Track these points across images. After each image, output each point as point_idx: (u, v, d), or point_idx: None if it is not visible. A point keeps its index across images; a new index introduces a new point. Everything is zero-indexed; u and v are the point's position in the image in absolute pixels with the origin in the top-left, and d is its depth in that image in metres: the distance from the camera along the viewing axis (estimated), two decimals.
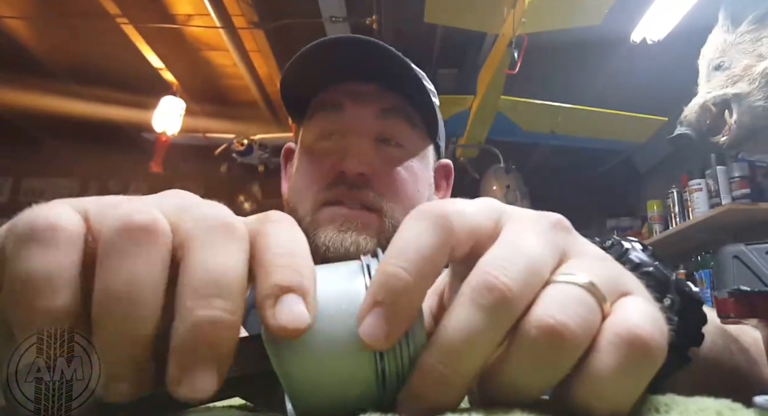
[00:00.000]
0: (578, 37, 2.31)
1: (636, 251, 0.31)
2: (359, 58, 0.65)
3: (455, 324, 0.22)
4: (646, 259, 0.31)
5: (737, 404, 0.22)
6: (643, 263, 0.31)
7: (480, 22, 2.28)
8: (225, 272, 0.21)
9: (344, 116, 0.67)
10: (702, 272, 2.73)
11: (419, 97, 0.67)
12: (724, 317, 0.32)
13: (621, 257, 0.31)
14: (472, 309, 0.21)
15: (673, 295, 0.30)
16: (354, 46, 0.64)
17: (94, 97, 3.27)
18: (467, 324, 0.21)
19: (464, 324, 0.21)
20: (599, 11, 2.03)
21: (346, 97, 0.67)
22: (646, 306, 0.22)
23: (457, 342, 0.21)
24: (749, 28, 1.94)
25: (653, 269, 0.30)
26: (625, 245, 0.32)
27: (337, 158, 0.65)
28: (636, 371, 0.21)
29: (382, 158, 0.66)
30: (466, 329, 0.21)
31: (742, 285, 0.32)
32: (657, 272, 0.30)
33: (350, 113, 0.67)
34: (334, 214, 0.64)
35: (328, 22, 2.69)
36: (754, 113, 1.88)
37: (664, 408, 0.22)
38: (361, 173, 0.64)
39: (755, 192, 2.38)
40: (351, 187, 0.64)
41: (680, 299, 0.30)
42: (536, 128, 2.75)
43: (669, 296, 0.30)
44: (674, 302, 0.30)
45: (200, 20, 2.85)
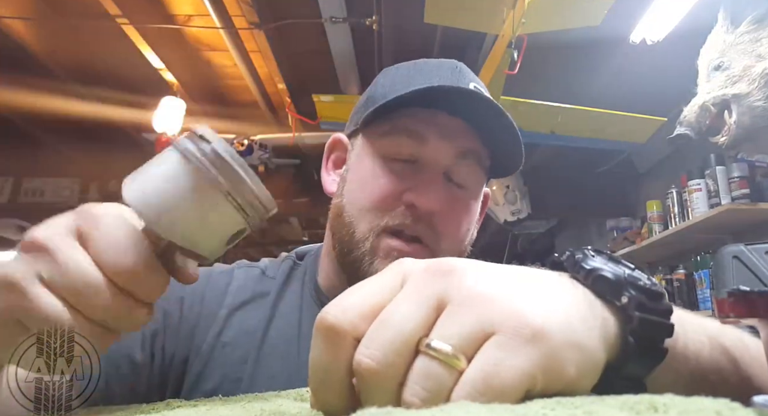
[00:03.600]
0: (578, 38, 2.31)
1: (588, 259, 0.33)
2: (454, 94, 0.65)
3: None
4: (597, 265, 0.33)
5: (736, 403, 0.23)
6: (594, 269, 0.32)
7: (480, 23, 2.28)
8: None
9: (425, 148, 0.66)
10: (701, 272, 2.73)
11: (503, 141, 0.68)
12: (723, 317, 0.32)
13: (574, 267, 0.33)
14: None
15: (629, 292, 0.31)
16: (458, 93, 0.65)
17: (95, 97, 3.27)
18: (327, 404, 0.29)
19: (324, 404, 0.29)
20: (599, 12, 2.03)
21: (432, 129, 0.66)
22: (493, 353, 0.26)
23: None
24: (749, 28, 1.94)
25: (605, 273, 0.32)
26: (577, 255, 0.34)
27: (410, 189, 0.65)
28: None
29: (449, 198, 0.67)
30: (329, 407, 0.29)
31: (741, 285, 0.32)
32: (609, 274, 0.32)
33: (432, 146, 0.66)
34: (392, 248, 0.65)
35: (328, 23, 2.69)
36: (753, 113, 1.88)
37: (663, 407, 0.23)
38: (433, 210, 0.64)
39: (755, 192, 2.38)
40: (417, 220, 0.65)
41: (637, 294, 0.31)
42: (536, 128, 2.75)
43: (625, 294, 0.31)
44: (631, 299, 0.31)
45: (200, 21, 2.85)
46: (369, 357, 0.27)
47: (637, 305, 0.31)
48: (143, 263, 0.36)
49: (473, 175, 0.69)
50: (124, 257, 0.36)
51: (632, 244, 3.26)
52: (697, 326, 0.39)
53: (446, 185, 0.67)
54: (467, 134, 0.68)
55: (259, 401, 0.37)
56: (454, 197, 0.68)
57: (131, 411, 0.31)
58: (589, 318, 0.30)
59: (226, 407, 0.34)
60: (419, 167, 0.66)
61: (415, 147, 0.66)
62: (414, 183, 0.65)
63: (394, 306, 0.28)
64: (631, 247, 3.25)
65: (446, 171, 0.67)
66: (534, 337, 0.26)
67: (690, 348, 0.37)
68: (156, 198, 0.33)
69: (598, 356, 0.29)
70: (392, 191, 0.66)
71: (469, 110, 0.66)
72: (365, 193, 0.67)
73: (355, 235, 0.66)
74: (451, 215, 0.67)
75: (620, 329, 0.31)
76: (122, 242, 0.36)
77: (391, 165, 0.67)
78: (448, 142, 0.67)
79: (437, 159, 0.67)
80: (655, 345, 0.32)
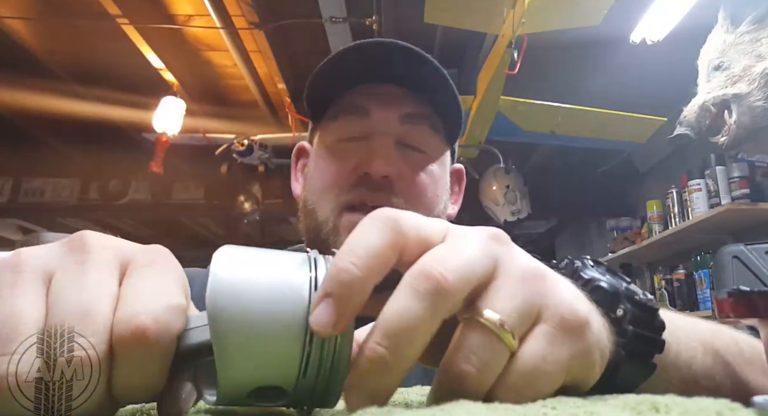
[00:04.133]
0: (578, 38, 2.31)
1: (587, 269, 0.33)
2: (387, 60, 0.65)
3: (394, 308, 0.24)
4: (596, 275, 0.33)
5: (736, 404, 0.23)
6: (593, 279, 0.32)
7: (480, 23, 2.28)
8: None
9: (369, 120, 0.66)
10: (701, 273, 2.73)
11: (446, 101, 0.68)
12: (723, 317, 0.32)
13: (573, 275, 0.33)
14: (410, 295, 0.24)
15: (624, 305, 0.31)
16: (384, 49, 0.65)
17: (95, 97, 3.27)
18: (405, 309, 0.24)
19: (402, 309, 0.24)
20: (599, 12, 2.03)
21: (371, 100, 0.67)
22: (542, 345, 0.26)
23: (395, 326, 0.24)
24: (749, 28, 1.94)
25: (603, 284, 0.32)
26: (576, 263, 0.34)
27: (361, 159, 0.65)
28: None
29: (405, 162, 0.66)
30: (404, 313, 0.24)
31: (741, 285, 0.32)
32: (607, 285, 0.32)
33: (375, 116, 0.66)
34: (354, 222, 0.64)
35: (328, 23, 2.69)
36: (753, 113, 1.88)
37: (664, 408, 0.23)
38: (386, 175, 0.64)
39: (755, 192, 2.38)
40: (374, 189, 0.64)
41: (633, 308, 0.32)
42: (536, 128, 2.75)
43: (621, 307, 0.31)
44: (626, 312, 0.31)
45: (200, 21, 2.85)
46: (445, 270, 0.25)
47: (631, 319, 0.31)
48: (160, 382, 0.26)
49: (428, 138, 0.69)
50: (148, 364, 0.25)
51: (632, 244, 3.26)
52: (691, 331, 0.39)
53: (401, 149, 0.67)
54: (411, 99, 0.67)
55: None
56: (410, 159, 0.67)
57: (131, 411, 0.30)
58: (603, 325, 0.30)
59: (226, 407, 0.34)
60: (368, 140, 0.66)
61: (359, 122, 0.67)
62: (363, 155, 0.65)
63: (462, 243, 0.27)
64: (631, 247, 3.24)
65: (398, 139, 0.67)
66: (579, 330, 0.27)
67: (682, 357, 0.37)
68: (248, 318, 0.25)
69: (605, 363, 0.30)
70: (345, 166, 0.66)
71: (409, 77, 0.66)
72: (321, 176, 0.68)
73: (318, 218, 0.66)
74: (411, 177, 0.66)
75: (612, 341, 0.31)
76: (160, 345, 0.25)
77: (343, 145, 0.68)
78: (390, 108, 0.67)
79: (382, 127, 0.66)
80: (645, 360, 0.32)
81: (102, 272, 0.26)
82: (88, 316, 0.24)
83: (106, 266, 0.26)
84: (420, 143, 0.68)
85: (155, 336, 0.24)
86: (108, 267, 0.26)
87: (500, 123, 2.66)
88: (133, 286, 0.26)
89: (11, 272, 0.25)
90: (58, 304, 0.25)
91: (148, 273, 0.27)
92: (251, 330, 0.25)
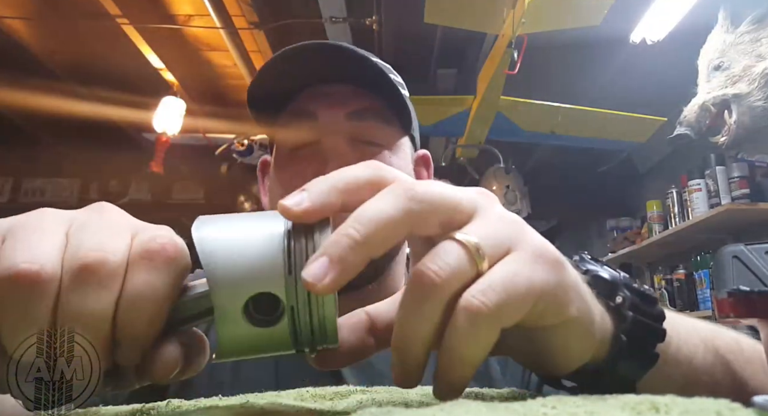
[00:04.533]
0: (578, 38, 2.31)
1: (585, 262, 0.35)
2: (326, 62, 0.64)
3: (371, 203, 0.27)
4: (594, 266, 0.34)
5: (736, 404, 0.23)
6: (591, 270, 0.33)
7: (480, 23, 2.28)
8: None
9: (317, 122, 0.66)
10: (701, 272, 2.73)
11: (389, 93, 0.66)
12: (723, 317, 0.33)
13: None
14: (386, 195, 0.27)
15: (623, 293, 0.32)
16: (318, 51, 0.64)
17: (95, 97, 3.27)
18: (379, 203, 0.27)
19: (377, 203, 0.27)
20: (599, 12, 2.03)
21: (316, 102, 0.66)
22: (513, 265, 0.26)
23: (368, 214, 0.26)
24: (749, 28, 1.94)
25: (601, 273, 0.33)
26: (574, 258, 0.35)
27: (318, 163, 0.63)
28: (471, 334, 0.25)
29: (360, 156, 0.64)
30: (378, 207, 0.26)
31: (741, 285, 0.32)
32: (606, 274, 0.33)
33: (322, 118, 0.65)
34: None
35: (329, 23, 2.69)
36: (753, 113, 1.88)
37: (664, 408, 0.23)
38: None
39: (755, 192, 2.38)
40: None
41: (632, 295, 0.32)
42: (536, 128, 2.75)
43: (620, 294, 0.32)
44: (626, 299, 0.32)
45: (200, 21, 2.85)
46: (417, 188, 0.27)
47: (630, 306, 0.32)
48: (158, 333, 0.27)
49: (378, 130, 0.67)
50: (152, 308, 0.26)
51: (632, 244, 3.26)
52: (691, 329, 0.39)
53: (354, 145, 0.65)
54: (355, 95, 0.66)
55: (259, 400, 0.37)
56: (364, 154, 0.65)
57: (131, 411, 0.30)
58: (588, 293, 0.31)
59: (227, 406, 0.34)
60: (321, 144, 0.65)
61: (307, 125, 0.66)
62: (318, 161, 0.64)
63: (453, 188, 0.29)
64: (631, 247, 3.24)
65: (350, 136, 0.66)
66: (553, 264, 0.28)
67: (683, 352, 0.37)
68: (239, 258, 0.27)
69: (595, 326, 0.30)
70: (301, 173, 0.64)
71: (350, 76, 0.66)
72: (281, 185, 0.67)
73: None
74: None
75: (614, 328, 0.32)
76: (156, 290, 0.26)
77: (296, 153, 0.67)
78: (335, 107, 0.66)
79: (331, 127, 0.65)
80: (646, 349, 0.32)
81: (119, 219, 0.29)
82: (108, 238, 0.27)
83: (123, 217, 0.30)
84: (373, 137, 0.67)
85: (174, 252, 0.27)
86: (124, 219, 0.30)
87: (500, 123, 2.66)
88: (147, 229, 0.29)
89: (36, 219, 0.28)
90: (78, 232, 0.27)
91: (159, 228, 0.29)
92: (235, 243, 0.27)
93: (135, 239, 0.28)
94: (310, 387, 0.39)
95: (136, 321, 0.26)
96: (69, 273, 0.25)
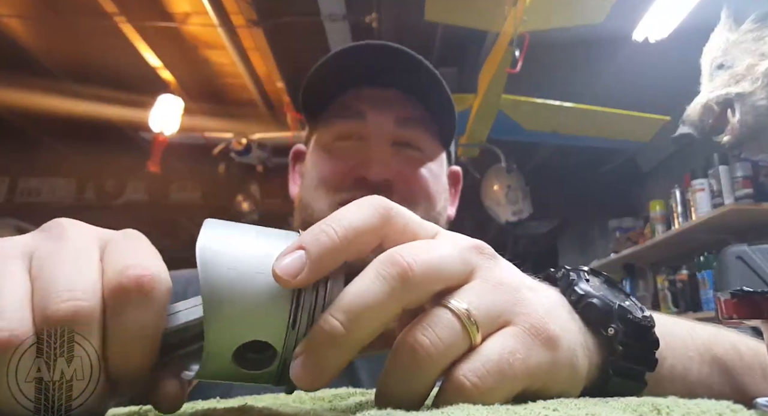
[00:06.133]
0: (580, 36, 2.30)
1: (582, 282, 0.33)
2: (383, 63, 0.66)
3: (356, 287, 0.25)
4: (590, 290, 0.32)
5: (738, 405, 0.23)
6: (587, 295, 0.32)
7: (481, 21, 2.28)
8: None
9: (365, 122, 0.67)
10: (705, 273, 2.72)
11: (440, 104, 0.68)
12: (726, 318, 0.32)
13: (567, 288, 0.33)
14: (373, 277, 0.25)
15: (616, 324, 0.31)
16: (378, 51, 0.66)
17: (92, 96, 3.26)
18: (366, 289, 0.25)
19: (364, 288, 0.25)
20: (601, 9, 2.03)
21: (366, 104, 0.68)
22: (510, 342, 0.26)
23: (354, 303, 0.25)
24: (752, 26, 1.93)
25: (596, 301, 0.32)
26: (572, 276, 0.33)
27: (357, 163, 0.65)
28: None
29: (403, 160, 0.67)
30: (365, 293, 0.25)
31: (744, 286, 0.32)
32: (600, 303, 0.32)
33: (370, 119, 0.67)
34: None
35: (327, 21, 2.68)
36: (757, 112, 1.86)
37: (665, 410, 0.23)
38: (385, 178, 0.64)
39: (758, 192, 2.37)
40: (372, 191, 0.64)
41: (625, 327, 0.31)
42: (538, 127, 2.75)
43: (612, 326, 0.31)
44: (618, 332, 0.31)
45: (198, 19, 2.84)
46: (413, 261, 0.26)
47: (622, 339, 0.31)
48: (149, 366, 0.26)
49: (424, 139, 0.69)
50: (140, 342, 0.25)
51: (635, 244, 3.25)
52: (689, 339, 0.39)
53: (397, 148, 0.67)
54: (404, 101, 0.68)
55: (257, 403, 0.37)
56: (408, 158, 0.68)
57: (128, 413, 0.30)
58: (581, 341, 0.30)
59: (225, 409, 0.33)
60: (365, 141, 0.67)
61: (354, 125, 0.67)
62: (361, 158, 0.66)
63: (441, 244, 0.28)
64: (633, 247, 3.23)
65: (394, 140, 0.67)
66: (549, 342, 0.27)
67: (677, 370, 0.37)
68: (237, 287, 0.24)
69: (579, 379, 0.30)
70: (342, 166, 0.66)
71: (404, 81, 0.67)
72: (317, 174, 0.68)
73: (314, 214, 0.66)
74: (411, 174, 0.67)
75: (602, 358, 0.31)
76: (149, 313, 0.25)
77: (339, 144, 0.68)
78: (386, 111, 0.67)
79: (379, 129, 0.67)
80: (634, 379, 0.32)
81: (83, 241, 0.26)
82: (77, 275, 0.24)
83: (86, 237, 0.27)
84: (418, 143, 0.69)
85: (150, 283, 0.24)
86: (88, 237, 0.27)
87: (502, 122, 2.66)
88: (115, 250, 0.26)
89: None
90: (42, 272, 0.24)
91: (128, 242, 0.27)
92: (242, 279, 0.25)
93: (106, 268, 0.25)
94: None
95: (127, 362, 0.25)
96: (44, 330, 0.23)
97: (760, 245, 0.37)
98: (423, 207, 0.67)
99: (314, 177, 0.69)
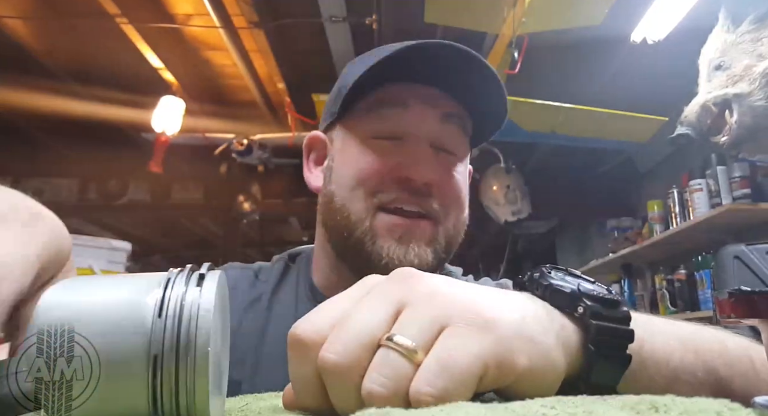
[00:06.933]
0: (579, 37, 2.30)
1: (545, 277, 0.36)
2: (439, 61, 0.63)
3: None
4: (553, 281, 0.35)
5: (736, 404, 0.23)
6: (552, 285, 0.35)
7: (480, 22, 2.28)
8: None
9: (407, 114, 0.65)
10: (702, 273, 2.72)
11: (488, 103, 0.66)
12: (724, 317, 0.33)
13: (533, 285, 0.36)
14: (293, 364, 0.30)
15: (583, 303, 0.33)
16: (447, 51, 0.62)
17: (94, 97, 3.27)
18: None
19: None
20: (600, 11, 2.03)
21: (412, 96, 0.65)
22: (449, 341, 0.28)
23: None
24: (750, 28, 1.93)
25: (558, 287, 0.34)
26: (535, 274, 0.36)
27: (401, 162, 0.63)
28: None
29: (442, 164, 0.66)
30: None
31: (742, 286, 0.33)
32: (563, 288, 0.34)
33: (414, 111, 0.65)
34: (393, 224, 0.63)
35: (328, 22, 2.69)
36: (754, 113, 1.87)
37: (663, 408, 0.23)
38: (429, 182, 0.63)
39: (756, 192, 2.37)
40: (414, 193, 0.63)
41: (592, 303, 0.33)
42: (537, 128, 2.74)
43: (580, 305, 0.33)
44: (587, 308, 0.33)
45: (200, 20, 2.85)
46: (331, 352, 0.28)
47: (592, 314, 0.33)
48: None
49: (458, 139, 0.68)
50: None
51: (633, 244, 3.25)
52: (669, 330, 0.40)
53: (436, 154, 0.66)
54: (447, 98, 0.67)
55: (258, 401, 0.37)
56: (446, 164, 0.66)
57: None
58: (545, 320, 0.32)
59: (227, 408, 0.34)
60: (405, 141, 0.65)
61: (398, 116, 0.65)
62: (403, 157, 0.63)
63: (356, 309, 0.30)
64: (632, 247, 3.23)
65: (432, 141, 0.66)
66: (486, 326, 0.28)
67: (658, 353, 0.37)
68: None
69: (554, 354, 0.31)
70: (382, 166, 0.63)
71: (447, 77, 0.65)
72: (354, 173, 0.65)
73: (350, 217, 0.64)
74: (449, 181, 0.66)
75: (581, 338, 0.33)
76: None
77: (377, 143, 0.65)
78: (430, 106, 0.65)
79: (422, 126, 0.65)
80: (617, 352, 0.33)
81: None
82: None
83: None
84: (451, 146, 0.67)
85: None
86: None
87: None
88: None
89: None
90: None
91: None
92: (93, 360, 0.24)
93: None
94: None
95: None
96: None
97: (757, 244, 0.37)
98: (455, 214, 0.66)
99: (350, 176, 0.65)
